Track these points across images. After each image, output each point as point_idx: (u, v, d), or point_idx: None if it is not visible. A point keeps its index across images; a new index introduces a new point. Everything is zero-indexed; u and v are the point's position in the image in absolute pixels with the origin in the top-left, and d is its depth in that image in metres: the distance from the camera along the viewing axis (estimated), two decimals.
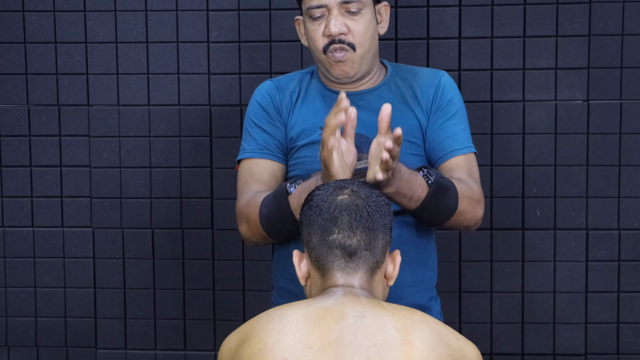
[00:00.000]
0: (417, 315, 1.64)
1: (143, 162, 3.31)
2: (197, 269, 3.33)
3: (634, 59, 3.17)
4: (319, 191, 1.78)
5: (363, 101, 2.25)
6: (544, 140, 3.21)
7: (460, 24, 3.21)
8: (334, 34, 2.15)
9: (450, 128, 2.26)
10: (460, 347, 1.63)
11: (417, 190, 2.04)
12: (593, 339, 3.25)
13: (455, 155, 2.25)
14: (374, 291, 1.73)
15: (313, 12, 2.18)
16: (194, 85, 3.28)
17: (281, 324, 1.61)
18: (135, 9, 3.27)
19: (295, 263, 1.80)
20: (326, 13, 2.17)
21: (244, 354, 1.60)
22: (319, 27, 2.18)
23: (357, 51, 2.18)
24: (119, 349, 3.39)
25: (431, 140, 2.26)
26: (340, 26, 2.15)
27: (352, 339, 1.57)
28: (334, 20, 2.15)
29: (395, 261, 1.78)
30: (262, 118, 2.28)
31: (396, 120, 2.22)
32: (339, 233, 1.71)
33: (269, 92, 2.31)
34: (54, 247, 3.37)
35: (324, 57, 2.20)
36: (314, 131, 2.23)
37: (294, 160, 2.25)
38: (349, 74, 2.21)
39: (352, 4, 2.15)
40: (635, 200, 3.21)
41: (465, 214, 2.17)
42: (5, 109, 3.35)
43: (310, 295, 1.78)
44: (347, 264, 1.71)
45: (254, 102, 2.32)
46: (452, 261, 3.27)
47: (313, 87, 2.30)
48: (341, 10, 2.16)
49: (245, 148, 2.29)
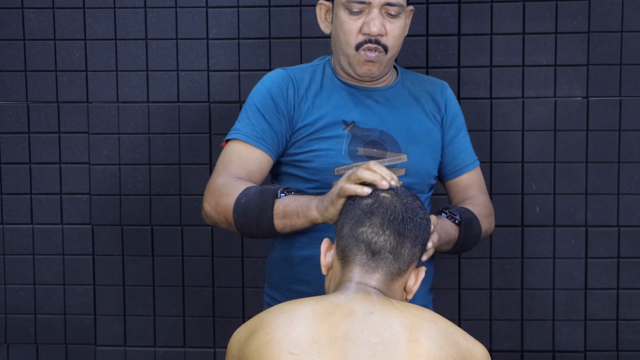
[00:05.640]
0: (425, 314, 1.64)
1: (142, 159, 3.31)
2: (197, 266, 3.33)
3: (634, 55, 3.18)
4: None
5: (383, 98, 2.27)
6: (543, 137, 3.21)
7: (460, 21, 3.21)
8: (373, 34, 2.15)
9: (461, 142, 2.36)
10: (469, 347, 1.63)
11: (451, 234, 2.14)
12: (592, 336, 3.26)
13: (468, 170, 2.37)
14: (391, 297, 1.72)
15: (353, 5, 2.16)
16: (193, 82, 3.28)
17: (289, 317, 1.61)
18: (135, 5, 3.27)
19: (322, 250, 1.80)
20: (366, 10, 2.15)
21: (251, 345, 1.61)
22: (356, 22, 2.16)
23: (388, 54, 2.19)
24: (119, 346, 3.39)
25: (445, 154, 2.34)
26: (380, 27, 2.14)
27: (359, 335, 1.57)
28: (376, 20, 2.14)
29: (418, 276, 1.77)
30: (267, 107, 2.23)
31: (414, 121, 2.26)
32: (369, 228, 1.71)
33: (282, 82, 2.25)
34: (53, 244, 3.36)
35: (354, 53, 2.19)
36: (338, 125, 2.21)
37: (311, 151, 2.20)
38: (374, 74, 2.22)
39: (394, 7, 2.16)
40: (634, 197, 3.21)
41: (487, 232, 2.32)
42: (5, 106, 3.34)
43: (328, 287, 1.79)
44: (368, 261, 1.70)
45: (263, 88, 2.26)
46: (451, 258, 3.27)
47: (330, 80, 2.28)
48: (382, 10, 2.15)
49: (240, 129, 2.23)
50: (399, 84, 2.32)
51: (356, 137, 2.20)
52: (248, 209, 2.06)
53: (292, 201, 2.03)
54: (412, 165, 2.23)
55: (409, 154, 2.22)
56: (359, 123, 2.22)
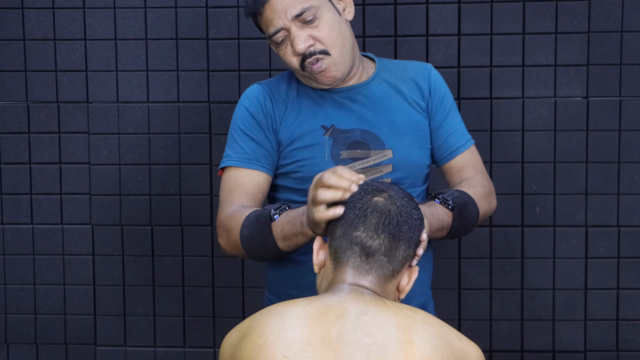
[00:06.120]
0: (419, 315, 1.63)
1: (142, 159, 3.31)
2: (197, 266, 3.33)
3: (634, 55, 3.17)
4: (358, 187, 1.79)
5: (360, 96, 2.24)
6: (544, 137, 3.21)
7: (460, 21, 3.21)
8: (302, 51, 2.12)
9: (451, 123, 2.31)
10: (463, 348, 1.62)
11: (444, 220, 2.09)
12: (592, 336, 3.26)
13: (461, 152, 2.31)
14: (384, 298, 1.72)
15: (275, 38, 2.14)
16: (193, 82, 3.28)
17: (282, 320, 1.60)
18: (134, 5, 3.27)
19: (314, 249, 1.80)
20: (286, 34, 2.13)
21: (244, 349, 1.60)
22: (287, 49, 2.15)
23: (333, 53, 2.14)
24: (119, 346, 3.39)
25: (434, 139, 2.30)
26: (304, 41, 2.12)
27: (353, 336, 1.56)
28: (296, 38, 2.11)
29: (411, 276, 1.77)
30: (250, 126, 2.22)
31: (396, 113, 2.23)
32: (364, 231, 1.70)
33: (259, 98, 2.24)
34: (53, 244, 3.36)
35: (303, 73, 2.17)
36: (318, 131, 2.20)
37: (296, 162, 2.20)
38: (337, 77, 2.18)
39: (305, 14, 2.11)
40: (634, 197, 3.21)
41: (486, 213, 2.27)
42: (5, 106, 3.34)
43: (320, 285, 1.78)
44: (361, 263, 1.70)
45: (242, 108, 2.25)
46: (452, 258, 3.27)
47: (303, 88, 2.26)
48: (298, 24, 2.12)
49: (231, 156, 2.23)
50: (376, 78, 2.28)
51: (337, 141, 2.18)
52: (252, 240, 2.07)
53: (285, 223, 2.01)
54: (399, 159, 2.20)
55: (394, 148, 2.20)
56: (338, 126, 2.20)
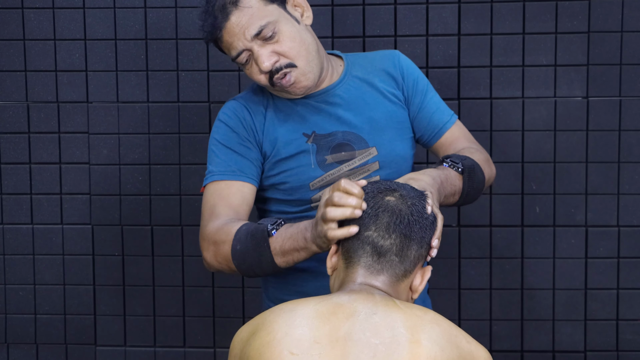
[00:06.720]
0: (429, 315, 1.63)
1: (142, 159, 3.31)
2: (197, 266, 3.33)
3: (634, 55, 3.18)
4: (370, 187, 1.78)
5: (335, 97, 2.22)
6: (543, 137, 3.21)
7: (460, 21, 3.21)
8: (267, 69, 2.09)
9: (430, 103, 2.29)
10: (471, 351, 1.62)
11: (456, 184, 2.08)
12: (592, 336, 3.26)
13: (448, 128, 2.29)
14: (397, 298, 1.71)
15: (239, 60, 2.12)
16: (193, 82, 3.28)
17: (291, 317, 1.60)
18: (134, 5, 3.27)
19: (330, 252, 1.79)
20: (249, 54, 2.11)
21: (252, 345, 1.60)
22: (253, 68, 2.13)
23: (299, 64, 2.12)
24: (119, 346, 3.39)
25: (418, 122, 2.28)
26: (268, 59, 2.09)
27: (361, 336, 1.56)
28: (260, 57, 2.09)
29: (424, 276, 1.76)
30: (230, 139, 2.19)
31: (373, 108, 2.22)
32: (375, 231, 1.70)
33: (237, 112, 2.21)
34: (53, 244, 3.36)
35: (273, 88, 2.15)
36: (300, 139, 2.18)
37: (282, 172, 2.18)
38: (308, 86, 2.15)
39: (264, 31, 2.09)
40: (634, 197, 3.21)
41: (489, 178, 2.25)
42: (5, 106, 3.34)
43: (332, 285, 1.78)
44: (373, 263, 1.70)
45: (220, 124, 2.22)
46: (452, 258, 3.27)
47: (278, 99, 2.23)
48: (259, 42, 2.10)
49: (213, 171, 2.18)
50: (346, 76, 2.25)
51: (321, 146, 2.17)
52: (246, 255, 2.02)
53: (286, 239, 1.98)
54: (384, 155, 2.19)
55: (378, 145, 2.19)
56: (319, 131, 2.18)
